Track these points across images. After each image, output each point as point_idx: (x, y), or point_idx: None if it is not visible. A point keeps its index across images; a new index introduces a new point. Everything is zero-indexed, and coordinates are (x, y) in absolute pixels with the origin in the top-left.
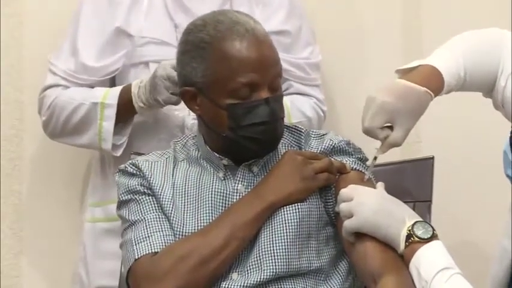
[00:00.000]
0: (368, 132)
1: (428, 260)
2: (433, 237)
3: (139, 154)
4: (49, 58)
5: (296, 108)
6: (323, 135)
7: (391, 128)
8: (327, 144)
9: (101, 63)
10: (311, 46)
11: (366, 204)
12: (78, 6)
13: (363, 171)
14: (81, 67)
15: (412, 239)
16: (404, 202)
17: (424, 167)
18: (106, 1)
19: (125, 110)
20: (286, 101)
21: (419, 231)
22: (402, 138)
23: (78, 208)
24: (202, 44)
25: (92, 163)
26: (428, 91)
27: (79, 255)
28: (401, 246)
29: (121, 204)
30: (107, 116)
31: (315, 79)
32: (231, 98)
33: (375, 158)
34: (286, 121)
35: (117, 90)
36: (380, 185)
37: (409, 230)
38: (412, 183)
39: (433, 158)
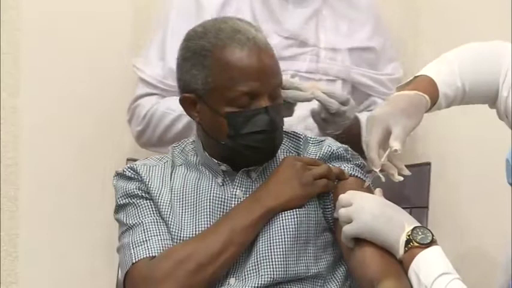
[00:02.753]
0: (367, 146)
1: (428, 265)
2: (432, 242)
3: (135, 160)
4: (135, 64)
5: None
6: (321, 141)
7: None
8: (325, 151)
9: None
10: (394, 62)
11: (365, 209)
12: (164, 11)
13: (361, 177)
14: (168, 71)
15: (411, 244)
16: (401, 208)
17: (420, 173)
18: (194, 6)
19: None
20: None
21: (419, 237)
22: (402, 135)
23: (74, 214)
24: (203, 51)
25: None
26: (419, 93)
27: None
28: (401, 251)
29: (119, 208)
30: None
31: None
32: (230, 106)
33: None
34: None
35: None
36: (378, 191)
37: (409, 236)
38: (409, 189)
39: (429, 164)
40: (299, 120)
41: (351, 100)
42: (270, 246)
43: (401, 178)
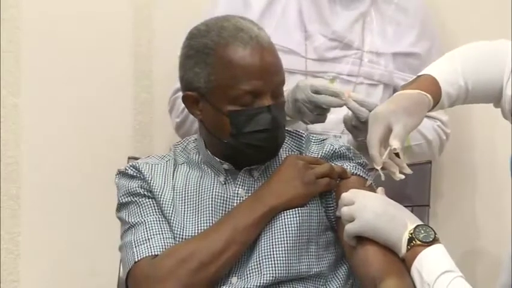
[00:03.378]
0: (369, 144)
1: (431, 263)
2: (435, 240)
3: (136, 158)
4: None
5: (417, 130)
6: (323, 140)
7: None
8: (327, 149)
9: None
10: None
11: (368, 208)
12: (211, 6)
13: (363, 176)
14: None
15: (413, 242)
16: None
17: (421, 171)
18: (242, 4)
19: None
20: None
21: (421, 235)
22: (402, 133)
23: (76, 212)
24: (206, 49)
25: None
26: (422, 92)
27: None
28: (403, 249)
29: (121, 206)
30: None
31: None
32: (233, 105)
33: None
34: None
35: None
36: (380, 190)
37: (411, 234)
38: (410, 187)
39: (430, 162)
40: (336, 124)
41: None
42: (272, 245)
43: (403, 176)
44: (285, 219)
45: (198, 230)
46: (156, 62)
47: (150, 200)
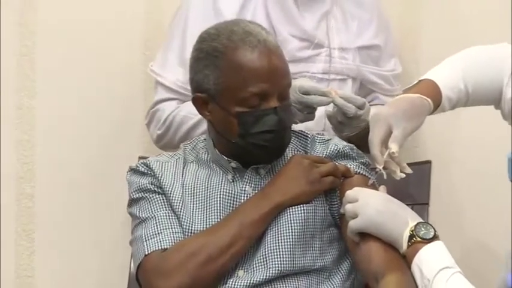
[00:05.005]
0: (371, 144)
1: (430, 259)
2: (435, 237)
3: (145, 158)
4: (152, 69)
5: None
6: (328, 140)
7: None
8: (332, 149)
9: None
10: (394, 57)
11: (371, 205)
12: (180, 17)
13: (366, 174)
14: None
15: (414, 239)
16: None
17: (421, 171)
18: (212, 11)
19: None
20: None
21: (422, 232)
22: (401, 137)
23: (88, 210)
24: (215, 52)
25: None
26: (422, 96)
27: None
28: (404, 246)
29: (132, 202)
30: None
31: (397, 90)
32: (241, 106)
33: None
34: None
35: None
36: (382, 188)
37: (412, 231)
38: (411, 186)
39: (430, 162)
40: (316, 122)
41: (367, 103)
42: (278, 240)
43: (403, 175)
44: (290, 215)
45: (206, 225)
46: None
47: (160, 196)
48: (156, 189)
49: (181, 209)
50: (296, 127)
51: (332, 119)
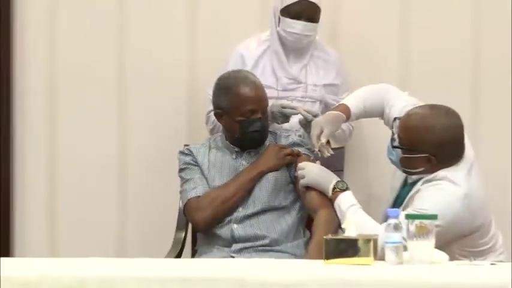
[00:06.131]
0: (312, 137)
1: (345, 201)
2: (347, 189)
3: (188, 145)
4: (208, 92)
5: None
6: (288, 135)
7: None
8: (290, 140)
9: None
10: (347, 91)
11: (312, 171)
12: (224, 67)
13: (309, 154)
14: None
15: (336, 189)
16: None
17: (339, 153)
18: (241, 63)
19: None
20: None
21: (340, 185)
22: (328, 134)
23: (158, 179)
24: (226, 87)
25: None
26: (339, 112)
27: None
28: (330, 193)
29: (180, 170)
30: None
31: None
32: (240, 116)
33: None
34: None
35: None
36: (318, 162)
37: (334, 185)
38: (333, 161)
39: (343, 148)
40: (296, 124)
41: (320, 114)
42: (261, 191)
43: (329, 154)
44: (268, 177)
45: (221, 183)
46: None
47: (196, 167)
48: (194, 163)
49: (207, 174)
50: (279, 127)
51: (301, 123)
